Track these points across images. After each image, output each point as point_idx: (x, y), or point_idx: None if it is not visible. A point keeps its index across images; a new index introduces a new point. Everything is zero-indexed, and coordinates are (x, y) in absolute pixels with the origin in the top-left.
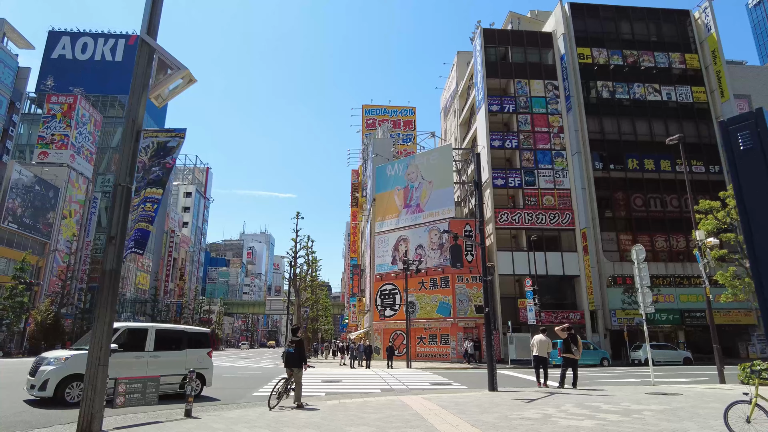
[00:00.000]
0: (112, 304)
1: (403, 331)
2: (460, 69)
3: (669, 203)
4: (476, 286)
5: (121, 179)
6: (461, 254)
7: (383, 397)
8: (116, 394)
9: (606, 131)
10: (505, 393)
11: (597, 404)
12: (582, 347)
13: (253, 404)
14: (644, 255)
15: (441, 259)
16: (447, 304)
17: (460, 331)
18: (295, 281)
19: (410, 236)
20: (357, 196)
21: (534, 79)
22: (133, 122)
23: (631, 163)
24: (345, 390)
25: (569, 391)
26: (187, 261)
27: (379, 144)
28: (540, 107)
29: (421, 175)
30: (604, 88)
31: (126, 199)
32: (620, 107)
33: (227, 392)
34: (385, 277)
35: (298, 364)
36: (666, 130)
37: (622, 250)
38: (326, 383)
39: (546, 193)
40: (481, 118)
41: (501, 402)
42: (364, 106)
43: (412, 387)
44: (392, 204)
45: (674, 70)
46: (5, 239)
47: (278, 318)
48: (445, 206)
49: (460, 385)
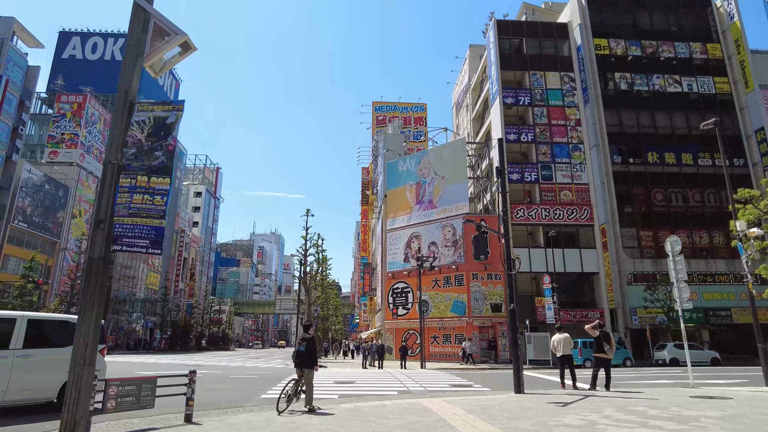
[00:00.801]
0: (99, 297)
1: (416, 330)
2: (472, 63)
3: (691, 198)
4: (492, 284)
5: (111, 156)
6: (485, 245)
7: (401, 399)
8: (106, 397)
9: (625, 124)
10: (534, 396)
11: (642, 408)
12: (614, 346)
13: (260, 408)
14: (680, 247)
15: (455, 257)
16: (461, 302)
17: (475, 331)
18: (305, 279)
19: (423, 233)
20: (367, 193)
21: (550, 71)
22: (126, 94)
23: (651, 156)
24: (359, 392)
25: (603, 394)
26: (197, 261)
27: (391, 139)
28: (556, 100)
29: (434, 170)
30: (623, 79)
31: (116, 178)
32: (639, 99)
33: (234, 394)
34: (397, 275)
35: (309, 364)
36: (687, 123)
37: (643, 247)
38: (339, 384)
39: (563, 188)
40: (495, 111)
41: (532, 406)
42: (374, 103)
43: (431, 389)
44: (404, 200)
45: (695, 61)
46: (15, 238)
47: (288, 318)
48: (458, 202)
49: (482, 386)
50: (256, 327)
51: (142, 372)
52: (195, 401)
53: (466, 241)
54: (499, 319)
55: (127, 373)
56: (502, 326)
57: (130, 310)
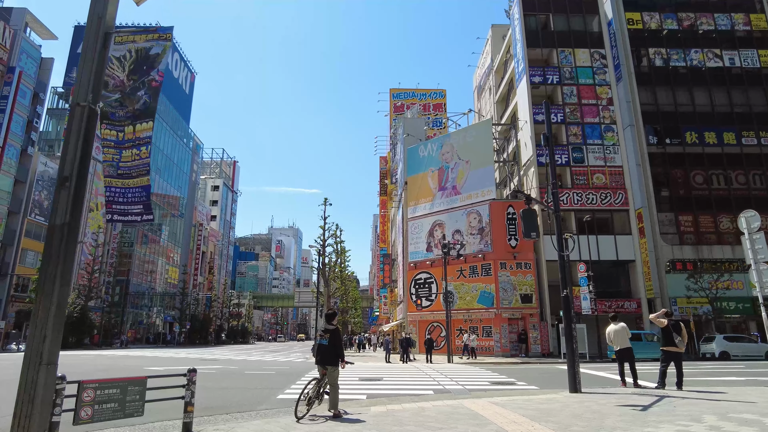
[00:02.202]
0: (63, 275)
1: (440, 322)
2: (495, 43)
3: (734, 180)
4: (521, 273)
5: (80, 97)
6: (535, 220)
7: (441, 401)
8: (80, 403)
9: (660, 102)
10: (595, 395)
11: (752, 416)
12: (686, 337)
13: (276, 411)
14: (758, 223)
15: (481, 245)
16: (489, 293)
17: (504, 323)
18: (323, 270)
19: (446, 221)
20: (386, 182)
21: (579, 48)
22: (99, 20)
23: (690, 136)
24: (389, 391)
25: (680, 394)
26: (215, 254)
27: (410, 123)
28: (586, 78)
29: (457, 154)
30: (657, 55)
31: (88, 126)
32: (675, 76)
33: (247, 394)
34: (419, 265)
35: (333, 360)
36: (729, 100)
37: (682, 232)
38: (365, 382)
39: (596, 171)
40: (522, 91)
41: (604, 410)
42: (392, 90)
43: (469, 387)
44: (426, 187)
45: (737, 33)
46: (33, 232)
47: (307, 311)
48: (484, 187)
49: (527, 384)
50: (275, 320)
51: (153, 367)
52: (201, 404)
53: (493, 228)
54: (529, 311)
55: (136, 368)
56: (532, 318)
57: (149, 304)
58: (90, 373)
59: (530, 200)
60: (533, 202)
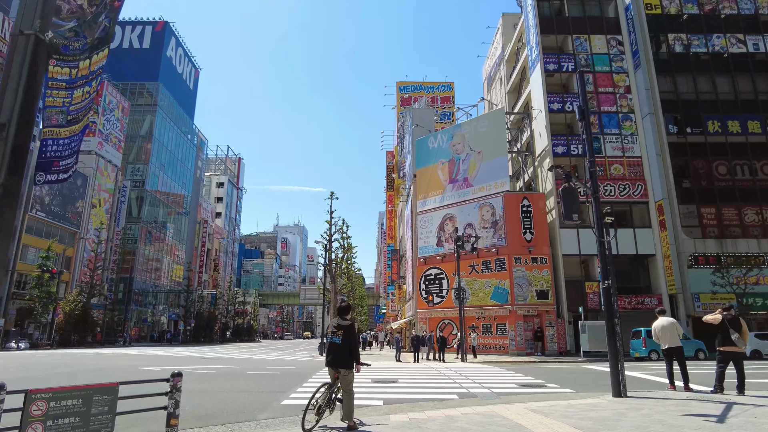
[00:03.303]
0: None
1: (451, 320)
2: (506, 32)
3: (760, 170)
4: (537, 268)
5: (25, 24)
6: (577, 200)
7: (469, 408)
8: (27, 419)
9: (680, 90)
10: (645, 401)
11: None
12: (747, 334)
13: (280, 421)
14: None
15: (495, 239)
16: (503, 289)
17: (519, 320)
18: (330, 266)
19: (457, 214)
20: (393, 177)
21: (595, 34)
22: None
23: (712, 125)
24: (408, 395)
25: (747, 400)
26: (220, 252)
27: (419, 114)
28: (603, 65)
29: (469, 145)
30: (677, 41)
31: (34, 59)
32: (696, 62)
33: (248, 399)
34: (429, 261)
35: (347, 361)
36: (753, 87)
37: (704, 225)
38: (379, 384)
39: (614, 162)
40: (536, 79)
41: (670, 420)
42: (399, 83)
43: (496, 390)
44: (435, 179)
45: (762, 17)
46: (34, 228)
47: (313, 309)
48: (497, 179)
49: (558, 386)
50: (281, 318)
51: (149, 367)
52: (194, 411)
53: (507, 221)
54: (545, 307)
55: (130, 367)
56: (549, 315)
57: (154, 302)
58: (80, 373)
59: (570, 177)
60: (572, 180)
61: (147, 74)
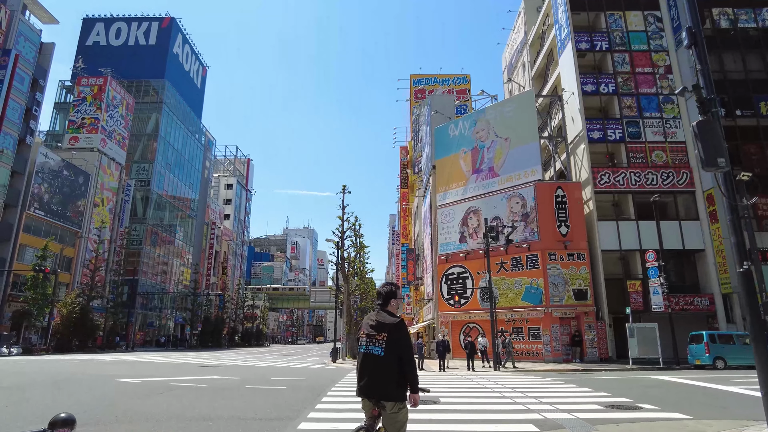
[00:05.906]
0: None
1: (477, 323)
2: (528, 15)
3: None
4: (573, 266)
5: None
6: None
7: None
8: None
9: (727, 69)
10: None
11: None
12: None
13: None
14: None
15: (526, 233)
16: (536, 288)
17: (555, 323)
18: (342, 265)
19: (482, 207)
20: (407, 173)
21: (630, 10)
22: None
23: (764, 107)
24: (465, 426)
25: None
26: (229, 254)
27: (438, 100)
28: (640, 43)
29: (494, 131)
30: (722, 15)
31: None
32: (745, 39)
33: (246, 426)
34: (451, 259)
35: (395, 389)
36: None
37: (760, 217)
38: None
39: (655, 148)
40: (566, 60)
41: None
42: (412, 75)
43: (580, 415)
44: (457, 170)
45: None
46: (32, 227)
47: (323, 313)
48: (528, 166)
49: (658, 408)
50: (291, 323)
51: (129, 379)
52: None
53: (540, 213)
54: (584, 309)
55: (103, 379)
56: (587, 317)
57: (160, 305)
58: (21, 387)
59: (708, 107)
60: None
61: (153, 71)
